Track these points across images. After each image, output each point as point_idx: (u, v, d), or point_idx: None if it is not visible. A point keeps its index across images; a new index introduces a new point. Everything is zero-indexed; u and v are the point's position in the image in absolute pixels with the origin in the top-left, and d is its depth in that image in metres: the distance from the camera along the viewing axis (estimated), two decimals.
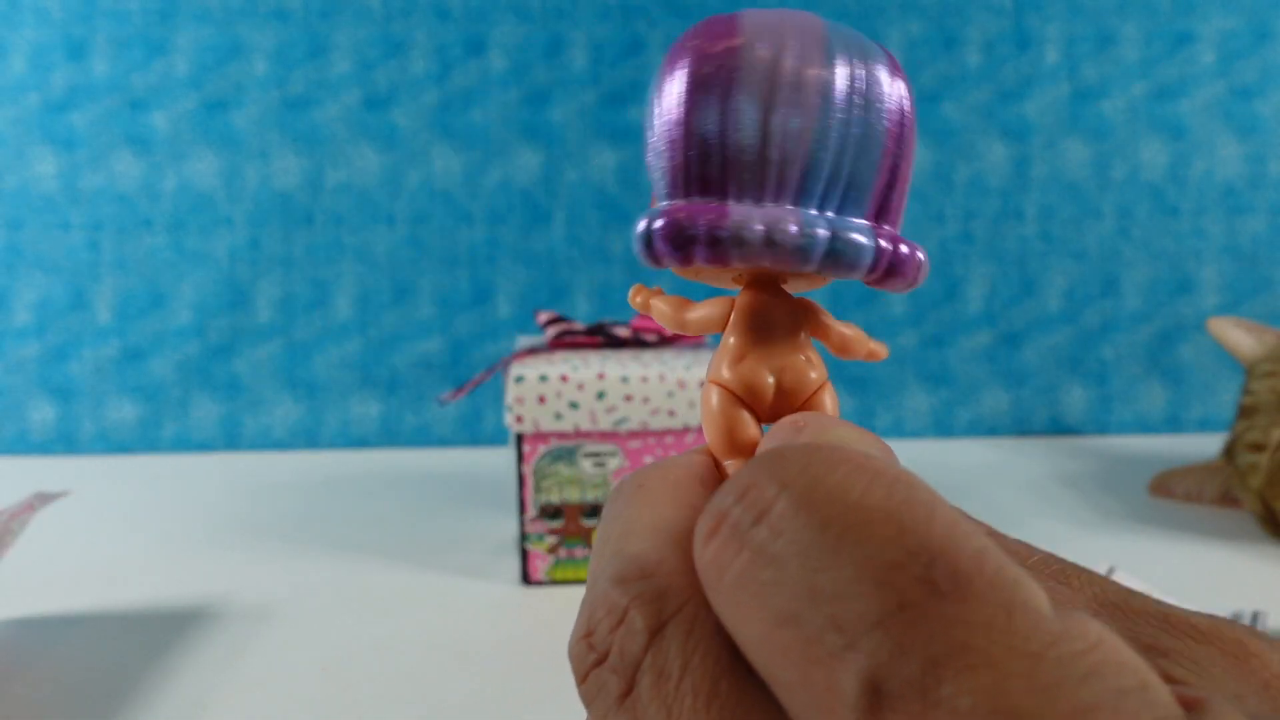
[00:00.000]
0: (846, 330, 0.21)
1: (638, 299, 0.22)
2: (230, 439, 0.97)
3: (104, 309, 0.96)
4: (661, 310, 0.21)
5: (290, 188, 0.96)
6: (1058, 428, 0.99)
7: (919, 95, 0.97)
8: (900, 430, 0.99)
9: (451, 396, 0.73)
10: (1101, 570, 0.60)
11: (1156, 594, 0.57)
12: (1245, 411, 0.72)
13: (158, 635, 0.56)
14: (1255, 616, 0.54)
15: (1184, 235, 0.98)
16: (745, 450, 0.20)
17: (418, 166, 0.96)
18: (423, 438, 0.97)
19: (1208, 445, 0.85)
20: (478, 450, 0.96)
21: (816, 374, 0.20)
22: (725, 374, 0.20)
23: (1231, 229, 0.98)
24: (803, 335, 0.20)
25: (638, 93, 0.96)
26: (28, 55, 0.94)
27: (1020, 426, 0.99)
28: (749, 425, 0.20)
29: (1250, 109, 0.97)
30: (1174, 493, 0.77)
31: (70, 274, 0.95)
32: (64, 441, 0.96)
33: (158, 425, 0.96)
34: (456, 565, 0.66)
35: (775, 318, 0.20)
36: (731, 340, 0.20)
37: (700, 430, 0.62)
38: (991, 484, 0.83)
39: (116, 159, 0.95)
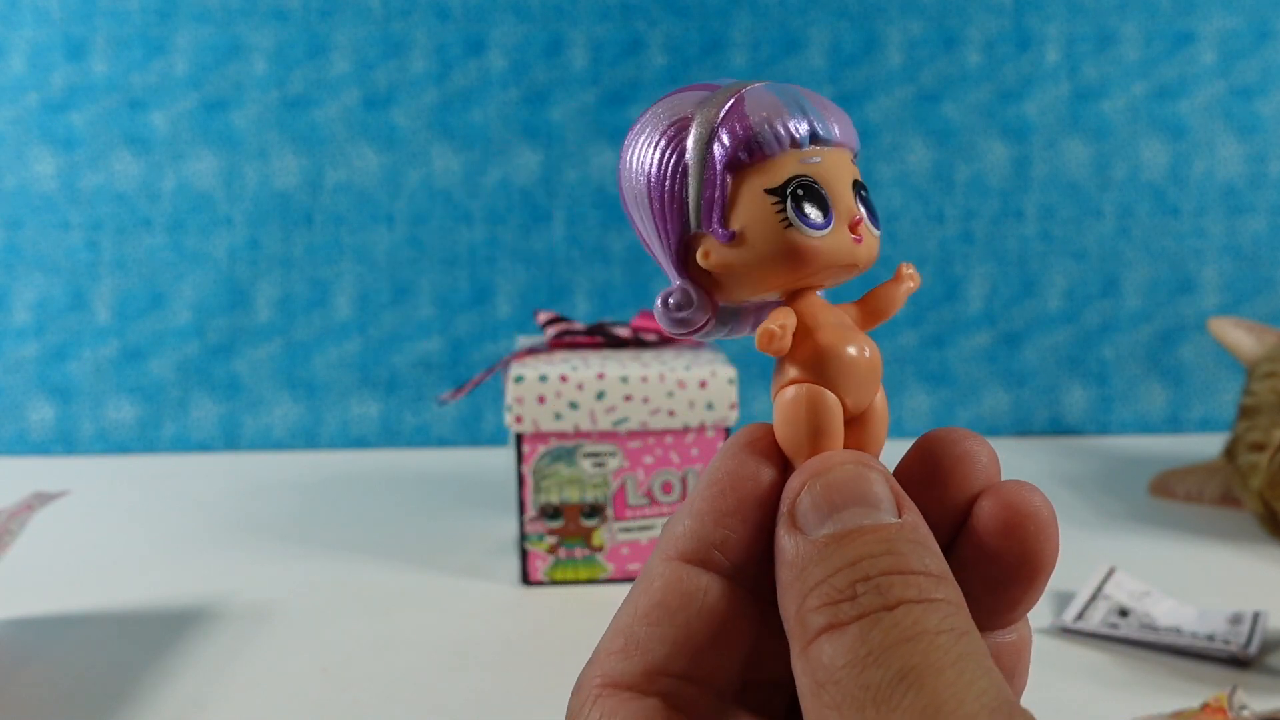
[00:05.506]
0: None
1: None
2: (230, 439, 0.97)
3: (103, 309, 0.96)
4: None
5: (290, 188, 0.96)
6: (1058, 428, 0.99)
7: (919, 95, 0.97)
8: (900, 430, 0.99)
9: (451, 396, 0.73)
10: (1102, 571, 0.59)
11: (1157, 594, 0.57)
12: (1246, 412, 0.72)
13: (158, 635, 0.56)
14: (1255, 617, 0.54)
15: (1184, 235, 0.98)
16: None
17: (417, 166, 0.96)
18: (422, 438, 0.97)
19: (1208, 445, 0.85)
20: (477, 450, 0.96)
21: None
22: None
23: (1232, 229, 0.98)
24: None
25: (638, 92, 0.96)
26: (27, 55, 0.94)
27: (1020, 426, 0.99)
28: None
29: (1251, 109, 0.97)
30: (1174, 493, 0.77)
31: (69, 274, 0.95)
32: (63, 441, 0.96)
33: (157, 425, 0.96)
34: (456, 565, 0.66)
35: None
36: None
37: (699, 432, 0.62)
38: None
39: (116, 159, 0.95)
